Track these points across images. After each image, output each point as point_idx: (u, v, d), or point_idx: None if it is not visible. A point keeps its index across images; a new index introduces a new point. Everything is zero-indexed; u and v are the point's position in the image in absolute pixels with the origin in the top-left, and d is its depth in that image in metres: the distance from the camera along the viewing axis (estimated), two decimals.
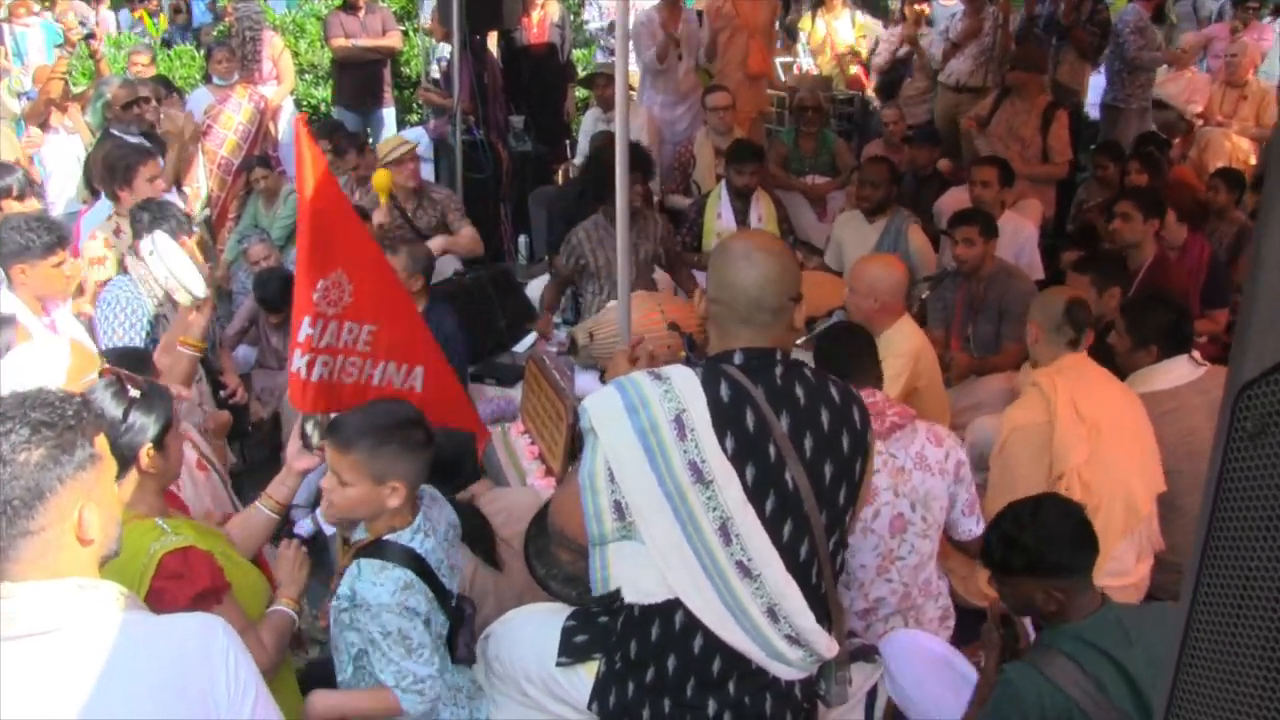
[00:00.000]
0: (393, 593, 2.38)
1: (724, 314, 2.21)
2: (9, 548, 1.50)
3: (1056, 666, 2.45)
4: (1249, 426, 0.88)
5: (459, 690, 2.61)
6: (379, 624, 2.39)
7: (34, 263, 3.76)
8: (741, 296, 2.16)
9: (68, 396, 1.58)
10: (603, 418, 2.12)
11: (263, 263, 5.86)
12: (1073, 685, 2.40)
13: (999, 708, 2.51)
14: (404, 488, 2.45)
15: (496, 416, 4.76)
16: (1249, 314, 0.89)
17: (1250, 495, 0.88)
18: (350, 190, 6.51)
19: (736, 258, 2.19)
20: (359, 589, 2.41)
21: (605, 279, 5.27)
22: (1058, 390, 3.47)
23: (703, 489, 2.07)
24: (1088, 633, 2.45)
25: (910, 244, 5.56)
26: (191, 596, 2.27)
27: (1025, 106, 6.59)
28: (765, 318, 2.17)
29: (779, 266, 2.19)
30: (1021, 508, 2.60)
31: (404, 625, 2.39)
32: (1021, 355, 4.83)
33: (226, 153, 7.19)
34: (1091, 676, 2.39)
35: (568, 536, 2.28)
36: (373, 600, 2.39)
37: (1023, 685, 2.46)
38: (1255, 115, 7.70)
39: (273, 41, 8.30)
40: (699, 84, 7.47)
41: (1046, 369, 3.63)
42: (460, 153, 6.77)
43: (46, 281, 3.83)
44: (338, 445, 2.44)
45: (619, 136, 3.78)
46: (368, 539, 2.52)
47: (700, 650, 2.18)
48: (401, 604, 2.38)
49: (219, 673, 1.63)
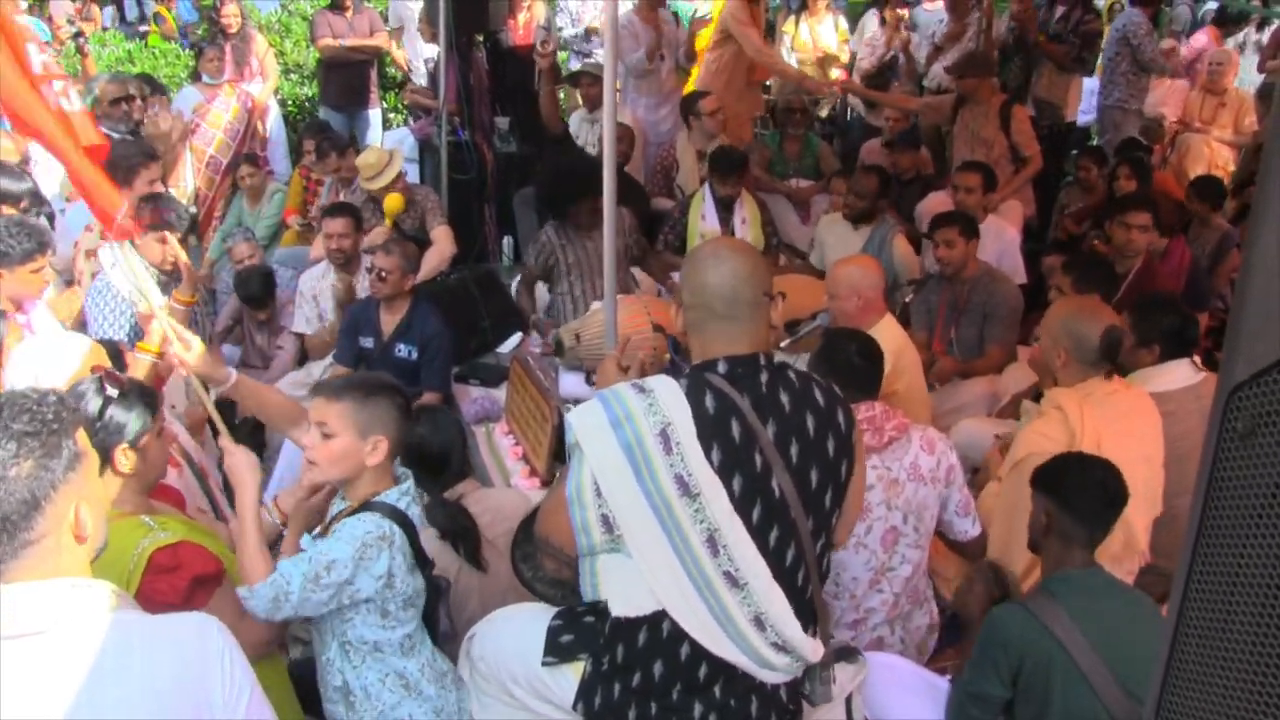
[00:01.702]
0: (366, 532, 2.37)
1: (701, 317, 2.20)
2: (10, 558, 1.50)
3: (1045, 608, 2.51)
4: (1239, 427, 0.89)
5: (444, 675, 2.61)
6: (328, 543, 2.38)
7: (12, 268, 3.76)
8: (715, 295, 2.17)
9: (43, 397, 1.57)
10: (588, 432, 2.11)
11: (246, 261, 5.84)
12: (1060, 628, 2.47)
13: (984, 648, 2.58)
14: (385, 445, 2.47)
15: (481, 417, 4.76)
16: (1239, 318, 0.90)
17: (1240, 495, 0.90)
18: (335, 190, 6.50)
19: (705, 259, 2.23)
20: (337, 529, 2.42)
21: (576, 276, 5.29)
22: (1085, 426, 3.30)
23: (689, 501, 2.07)
24: (1086, 579, 2.59)
25: (895, 252, 5.60)
26: (188, 582, 2.27)
27: (981, 110, 6.65)
28: (742, 312, 2.17)
29: (749, 262, 2.22)
30: (1072, 455, 2.87)
31: (341, 556, 2.34)
32: (1004, 359, 4.87)
33: (214, 151, 7.16)
34: (1078, 622, 2.46)
35: (553, 545, 2.28)
36: (345, 530, 2.38)
37: (1009, 623, 2.54)
38: (1234, 122, 7.80)
39: (258, 40, 8.28)
40: (680, 84, 7.49)
41: (1071, 393, 3.41)
42: (445, 153, 6.76)
43: (22, 284, 3.84)
44: (326, 395, 2.49)
45: (606, 136, 3.78)
46: (350, 507, 2.51)
47: (687, 657, 2.18)
48: (363, 545, 2.35)
49: (214, 674, 1.63)
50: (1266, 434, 0.87)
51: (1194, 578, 0.94)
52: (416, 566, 2.53)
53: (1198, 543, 0.94)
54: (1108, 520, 2.70)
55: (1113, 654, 2.45)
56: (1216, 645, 0.92)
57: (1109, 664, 2.43)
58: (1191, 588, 0.95)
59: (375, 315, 4.74)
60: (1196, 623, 0.95)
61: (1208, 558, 0.93)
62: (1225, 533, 0.92)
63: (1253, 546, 0.88)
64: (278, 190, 6.97)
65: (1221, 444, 0.91)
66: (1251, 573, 0.88)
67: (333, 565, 2.33)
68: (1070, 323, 3.46)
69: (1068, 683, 2.46)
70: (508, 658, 2.51)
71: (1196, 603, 0.95)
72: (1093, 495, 2.66)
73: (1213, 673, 0.93)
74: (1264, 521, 0.87)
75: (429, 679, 2.54)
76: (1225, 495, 0.91)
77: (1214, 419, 0.92)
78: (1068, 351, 3.44)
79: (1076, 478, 2.71)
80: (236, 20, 7.89)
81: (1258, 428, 0.88)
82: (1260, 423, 0.87)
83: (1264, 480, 0.87)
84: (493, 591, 3.18)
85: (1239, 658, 0.90)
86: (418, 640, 2.57)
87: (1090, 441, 3.23)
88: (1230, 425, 0.90)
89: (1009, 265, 5.54)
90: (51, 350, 3.13)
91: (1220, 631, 0.92)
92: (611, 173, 3.78)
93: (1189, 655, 0.95)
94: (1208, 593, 0.93)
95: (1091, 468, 2.74)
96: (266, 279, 5.53)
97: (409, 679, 2.52)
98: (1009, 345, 4.88)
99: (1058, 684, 2.46)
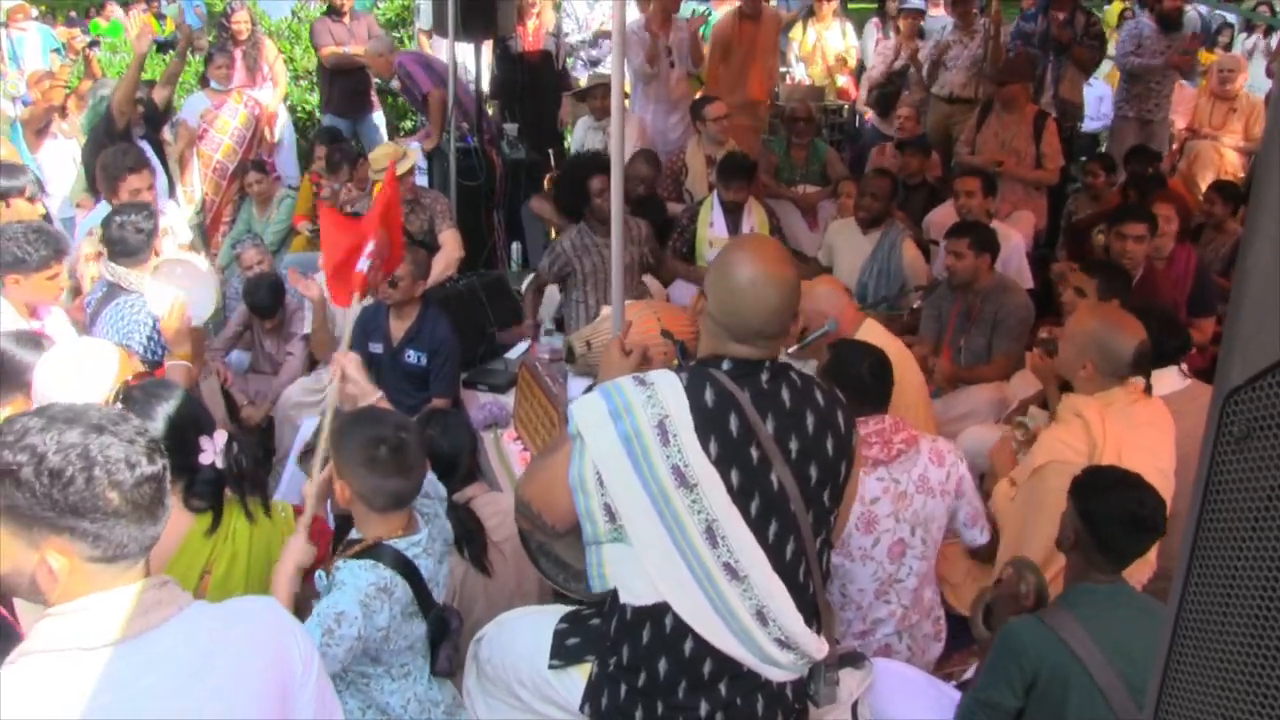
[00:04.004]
0: (369, 583, 2.38)
1: (722, 334, 2.20)
2: (140, 555, 1.54)
3: (1063, 622, 2.49)
4: (1236, 430, 0.90)
5: (436, 705, 2.60)
6: (335, 596, 2.38)
7: (29, 274, 3.78)
8: (745, 325, 2.16)
9: (122, 412, 1.62)
10: (588, 423, 2.14)
11: (255, 268, 5.87)
12: (1077, 642, 2.45)
13: (998, 659, 2.56)
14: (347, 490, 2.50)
15: (488, 422, 4.77)
16: (1235, 322, 0.91)
17: (1236, 497, 0.90)
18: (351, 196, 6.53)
19: (745, 286, 2.14)
20: (340, 574, 2.43)
21: (590, 286, 5.32)
22: (1107, 437, 3.27)
23: (687, 492, 2.09)
24: (1107, 594, 2.56)
25: (904, 256, 5.61)
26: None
27: (1015, 118, 6.65)
28: (764, 341, 2.19)
29: (787, 296, 2.17)
30: (1114, 476, 2.75)
31: (349, 608, 2.35)
32: (1010, 367, 4.86)
33: (222, 157, 7.21)
34: (1095, 637, 2.44)
35: (534, 511, 2.29)
36: (348, 579, 2.39)
37: (1025, 636, 2.52)
38: (1244, 128, 7.77)
39: (268, 46, 8.33)
40: (690, 92, 7.50)
41: (1092, 402, 3.37)
42: (454, 160, 6.79)
43: (38, 291, 3.86)
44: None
45: (614, 145, 3.79)
46: (361, 545, 2.51)
47: (691, 653, 2.19)
48: (366, 597, 2.37)
49: (290, 646, 1.70)
50: (1262, 438, 0.88)
51: (1191, 580, 0.95)
52: (418, 613, 2.52)
53: (1195, 546, 0.94)
54: (1137, 549, 2.66)
55: (1130, 669, 2.42)
56: (1213, 647, 0.93)
57: (1125, 679, 2.41)
58: (1189, 590, 0.96)
59: (384, 321, 4.76)
60: (1194, 624, 0.96)
61: (1204, 560, 0.94)
62: (1222, 536, 0.92)
63: (1248, 550, 0.89)
64: (286, 196, 7.00)
65: (1218, 448, 0.92)
66: (1247, 576, 0.89)
67: (341, 617, 2.33)
68: (1101, 336, 3.40)
69: (1084, 698, 2.44)
70: (514, 660, 2.53)
71: (1194, 605, 0.96)
72: (1122, 528, 2.59)
73: (1209, 674, 0.94)
74: (1260, 525, 0.88)
75: (411, 714, 2.53)
76: (1222, 499, 0.92)
77: (1211, 422, 0.93)
78: (1094, 364, 3.39)
79: (1108, 506, 2.62)
80: (247, 26, 7.94)
81: (1253, 431, 0.88)
82: (1256, 426, 0.88)
83: (1260, 484, 0.88)
84: (499, 595, 3.20)
85: (1235, 659, 0.91)
86: (412, 669, 2.56)
87: (1111, 452, 3.21)
88: (1227, 429, 0.91)
89: (1015, 271, 5.55)
90: (83, 358, 3.14)
91: (1217, 633, 0.93)
92: (619, 181, 3.79)
93: (1186, 656, 0.96)
94: (1205, 595, 0.94)
95: (1126, 497, 2.64)
96: (274, 288, 5.54)
97: (391, 715, 2.52)
98: (1015, 355, 4.87)
99: (1074, 699, 2.45)
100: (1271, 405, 0.88)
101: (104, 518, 1.46)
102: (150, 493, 1.51)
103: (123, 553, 1.50)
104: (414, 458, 2.49)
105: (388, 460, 2.42)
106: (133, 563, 1.53)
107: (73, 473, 1.44)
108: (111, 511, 1.46)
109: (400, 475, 2.45)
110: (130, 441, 1.51)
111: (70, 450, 1.45)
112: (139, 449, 1.51)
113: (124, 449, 1.49)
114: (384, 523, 2.50)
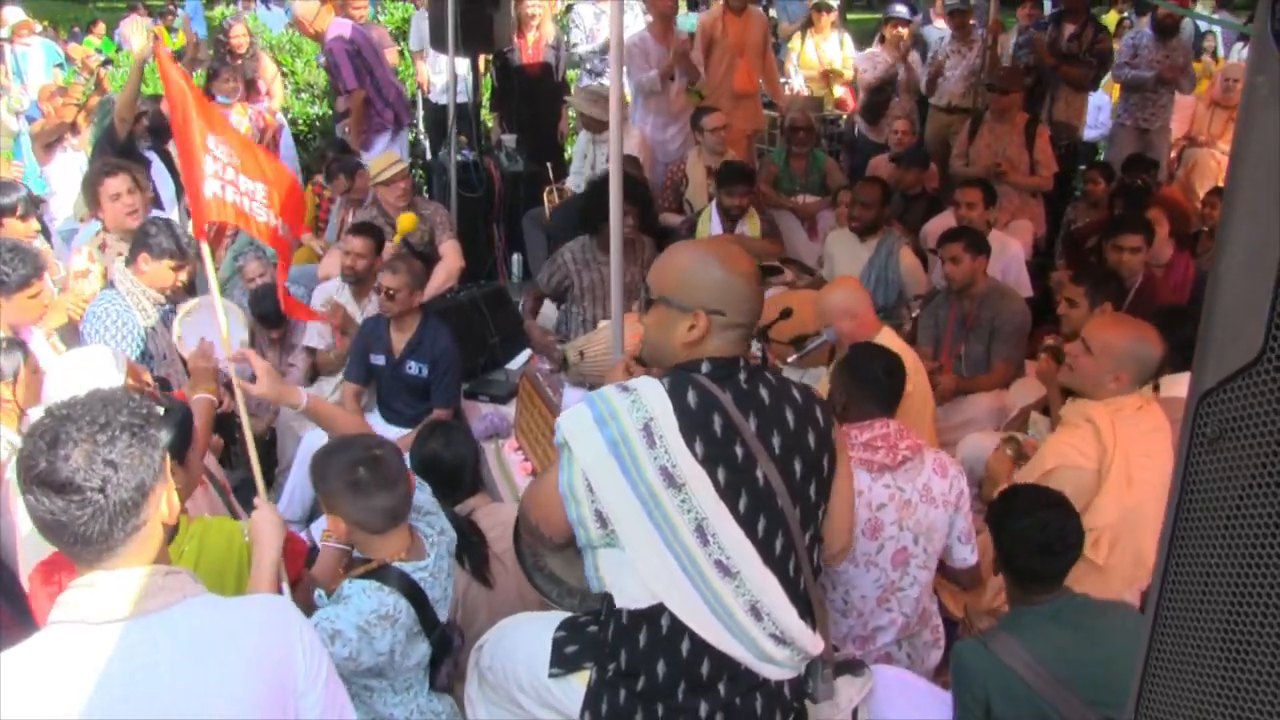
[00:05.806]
0: (372, 610, 2.40)
1: (728, 329, 2.26)
2: (121, 544, 1.60)
3: (1002, 644, 2.57)
4: (1208, 432, 0.92)
5: (437, 715, 2.63)
6: (335, 611, 2.40)
7: (10, 295, 3.75)
8: (753, 310, 2.28)
9: (128, 395, 1.69)
10: (575, 431, 2.18)
11: (258, 280, 5.89)
12: (1018, 662, 2.52)
13: (956, 688, 2.66)
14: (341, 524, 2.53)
15: (490, 433, 4.79)
16: (1209, 325, 0.93)
17: (1210, 497, 0.92)
18: (345, 210, 6.56)
19: (742, 277, 2.27)
20: (345, 589, 2.44)
21: (590, 300, 5.33)
22: (1117, 442, 3.27)
23: (675, 492, 2.12)
24: (1048, 611, 2.62)
25: (901, 264, 5.63)
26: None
27: (1007, 128, 6.73)
28: (744, 333, 2.28)
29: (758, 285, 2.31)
30: (1026, 498, 2.81)
31: (346, 629, 2.37)
32: (1010, 375, 4.88)
33: None
34: (1037, 654, 2.52)
35: (541, 533, 2.33)
36: (353, 596, 2.41)
37: (972, 663, 2.61)
38: None
39: (265, 62, 8.37)
40: (690, 105, 7.53)
41: (1101, 407, 3.36)
42: (454, 172, 6.82)
43: (20, 311, 3.83)
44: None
45: (613, 157, 3.81)
46: (368, 567, 2.53)
47: (689, 653, 2.21)
48: (366, 623, 2.38)
49: (296, 650, 1.75)
50: (1234, 439, 0.90)
51: (1168, 580, 0.97)
52: (422, 633, 2.54)
53: (1171, 546, 0.96)
54: (1053, 571, 2.68)
55: (1083, 678, 2.47)
56: (1190, 644, 0.95)
57: (1079, 693, 2.45)
58: (1166, 589, 0.97)
59: (385, 333, 4.78)
60: (1171, 623, 0.97)
61: (1181, 560, 0.96)
62: (1197, 536, 0.94)
63: (1222, 549, 0.91)
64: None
65: (1192, 449, 0.94)
66: (1221, 575, 0.91)
67: (336, 636, 2.35)
68: (1134, 348, 3.39)
69: (1037, 716, 2.50)
70: (515, 667, 2.54)
71: (1171, 604, 0.97)
72: (1029, 555, 2.66)
73: (1187, 671, 0.95)
74: (1232, 525, 0.90)
75: None
76: (1196, 499, 0.94)
77: (1185, 424, 0.95)
78: (1130, 375, 3.39)
79: (1013, 534, 2.69)
80: (244, 40, 7.97)
81: (1226, 432, 0.90)
82: (1228, 428, 0.90)
83: (1232, 485, 0.90)
84: (501, 606, 3.21)
85: (1211, 656, 0.92)
86: (414, 682, 2.59)
87: (1121, 457, 3.25)
88: (1200, 431, 0.93)
89: (1014, 279, 5.57)
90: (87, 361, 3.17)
91: (1193, 631, 0.95)
92: (618, 194, 3.81)
93: (1165, 654, 0.98)
94: (1181, 594, 0.96)
95: (1031, 522, 2.69)
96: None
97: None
98: (1015, 361, 4.89)
99: (1028, 717, 2.50)
100: (1243, 407, 0.89)
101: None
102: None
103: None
104: (394, 471, 2.51)
105: (369, 479, 2.46)
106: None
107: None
108: None
109: (385, 490, 2.48)
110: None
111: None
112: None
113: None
114: (386, 544, 2.52)
